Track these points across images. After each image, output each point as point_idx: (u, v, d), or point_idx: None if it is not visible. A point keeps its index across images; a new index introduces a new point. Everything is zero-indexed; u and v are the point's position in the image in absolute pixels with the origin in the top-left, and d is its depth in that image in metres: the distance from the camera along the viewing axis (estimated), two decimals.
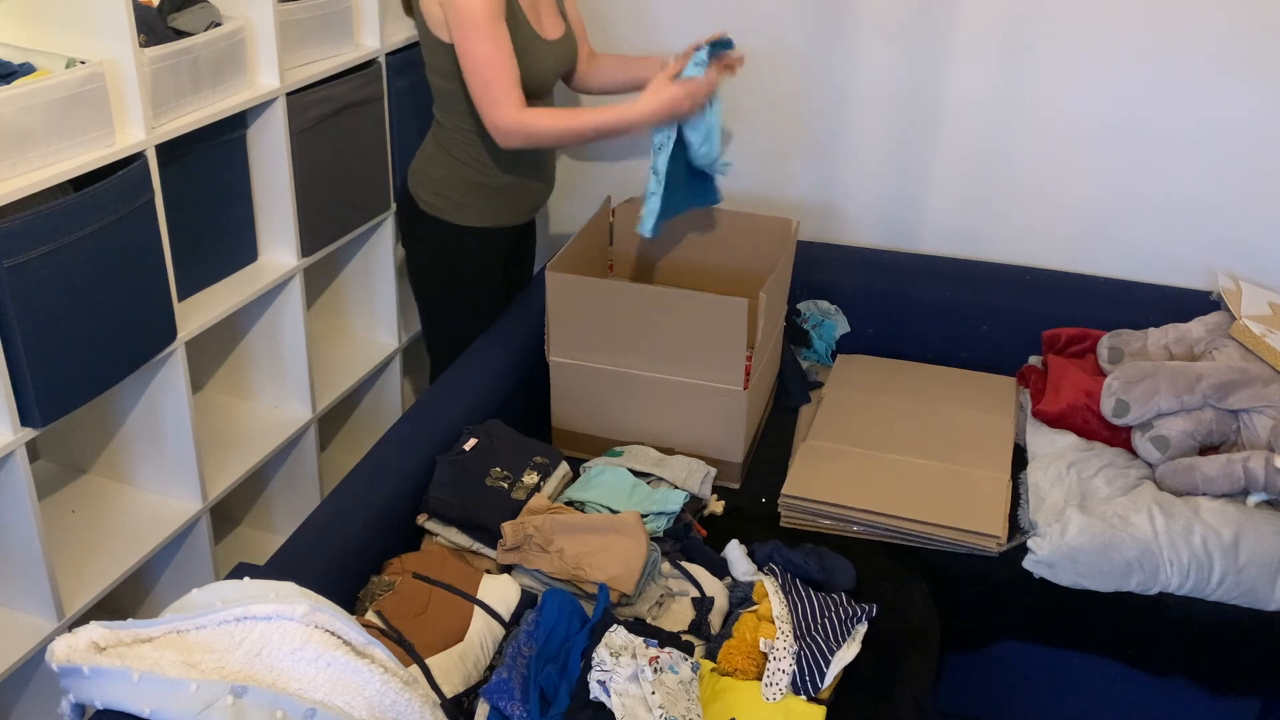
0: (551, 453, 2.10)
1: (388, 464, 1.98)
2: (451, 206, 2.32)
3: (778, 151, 2.75)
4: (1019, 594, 2.03)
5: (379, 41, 2.47)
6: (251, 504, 2.65)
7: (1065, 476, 2.16)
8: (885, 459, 2.23)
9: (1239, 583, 1.96)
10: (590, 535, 1.83)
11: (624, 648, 1.61)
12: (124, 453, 2.21)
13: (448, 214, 2.32)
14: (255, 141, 2.26)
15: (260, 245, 2.37)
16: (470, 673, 1.64)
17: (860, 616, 1.77)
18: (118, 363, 1.93)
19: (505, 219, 2.38)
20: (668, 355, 2.13)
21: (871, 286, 2.64)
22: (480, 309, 2.44)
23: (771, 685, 1.67)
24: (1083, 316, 2.49)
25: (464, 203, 2.32)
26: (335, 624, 1.42)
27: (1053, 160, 2.56)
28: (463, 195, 2.31)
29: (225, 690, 1.29)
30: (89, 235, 1.78)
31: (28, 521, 1.83)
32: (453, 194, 2.31)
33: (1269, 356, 2.22)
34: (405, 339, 2.84)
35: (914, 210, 2.71)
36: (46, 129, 1.71)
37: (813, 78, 2.65)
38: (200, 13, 2.05)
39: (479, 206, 2.32)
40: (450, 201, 2.32)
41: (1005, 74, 2.51)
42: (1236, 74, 2.38)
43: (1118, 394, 2.21)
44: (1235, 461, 2.06)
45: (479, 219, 2.33)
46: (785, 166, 2.76)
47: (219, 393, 2.55)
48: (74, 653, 1.31)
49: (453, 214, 2.32)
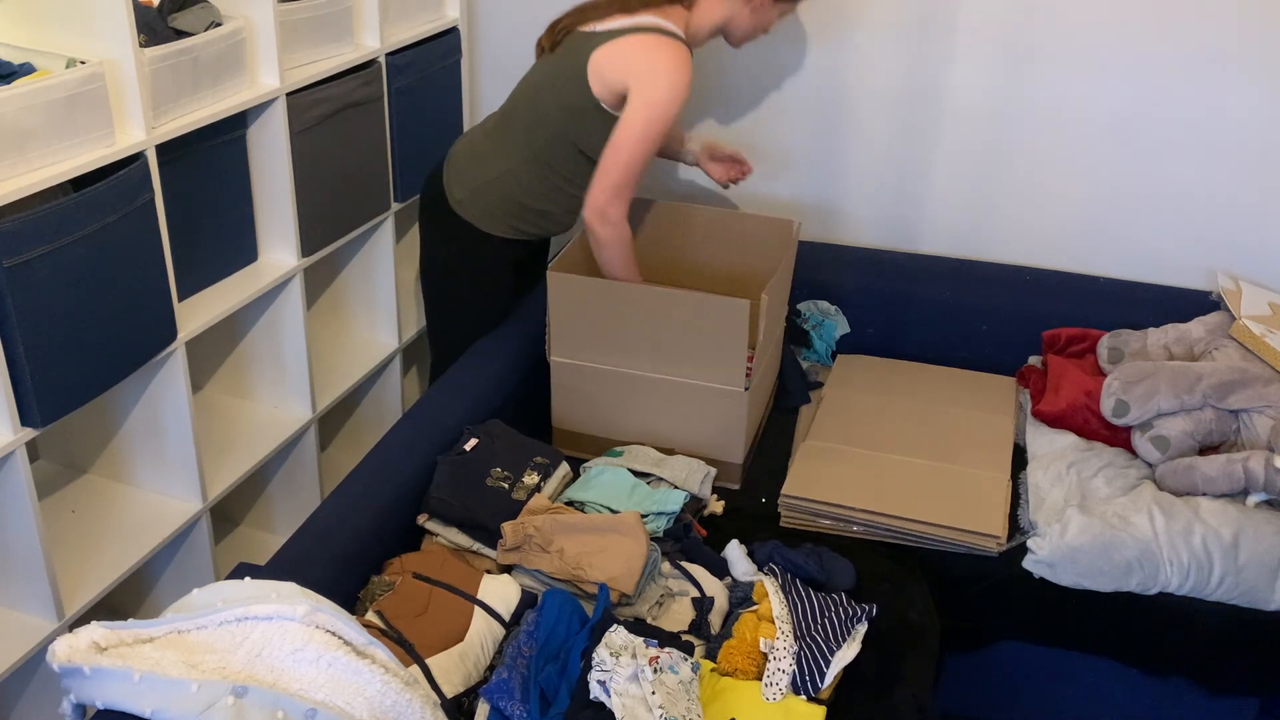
0: (552, 453, 2.10)
1: (388, 464, 1.98)
2: (483, 214, 2.30)
3: (778, 151, 2.75)
4: (1019, 594, 2.03)
5: (379, 41, 2.47)
6: (251, 504, 2.65)
7: (1065, 476, 2.16)
8: (885, 459, 2.23)
9: (1239, 583, 1.96)
10: (590, 535, 1.83)
11: (624, 648, 1.61)
12: (124, 453, 2.21)
13: (478, 219, 2.31)
14: (255, 141, 2.26)
15: (260, 245, 2.37)
16: (470, 673, 1.64)
17: (860, 616, 1.77)
18: (118, 363, 1.93)
19: (527, 235, 2.37)
20: (668, 355, 2.13)
21: (871, 286, 2.64)
22: (488, 314, 2.43)
23: (771, 685, 1.67)
24: (1083, 316, 2.49)
25: (497, 214, 2.30)
26: (336, 624, 1.42)
27: (1053, 160, 2.57)
28: (498, 207, 2.30)
29: (226, 690, 1.29)
30: (89, 235, 1.78)
31: (28, 521, 1.83)
32: (489, 202, 2.29)
33: (1269, 356, 2.22)
34: (405, 339, 2.84)
35: (914, 210, 2.72)
36: (46, 129, 1.71)
37: (813, 78, 2.65)
38: (200, 13, 2.05)
39: (510, 221, 2.32)
40: (482, 209, 2.30)
41: (1005, 74, 2.52)
42: (1236, 74, 2.38)
43: (1118, 394, 2.21)
44: (1235, 461, 2.06)
45: (505, 231, 2.33)
46: (785, 166, 2.76)
47: (219, 393, 2.55)
48: (75, 653, 1.31)
49: (483, 221, 2.31)
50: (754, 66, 2.67)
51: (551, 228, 2.39)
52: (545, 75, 2.25)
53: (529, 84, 2.28)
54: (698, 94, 2.73)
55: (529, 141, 2.25)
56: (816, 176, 2.75)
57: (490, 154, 2.30)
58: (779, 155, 2.75)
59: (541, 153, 2.25)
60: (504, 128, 2.30)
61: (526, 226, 2.34)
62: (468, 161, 2.33)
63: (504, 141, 2.29)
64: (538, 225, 2.35)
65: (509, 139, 2.28)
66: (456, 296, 2.43)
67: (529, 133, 2.25)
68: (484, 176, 2.29)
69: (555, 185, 2.28)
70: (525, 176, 2.27)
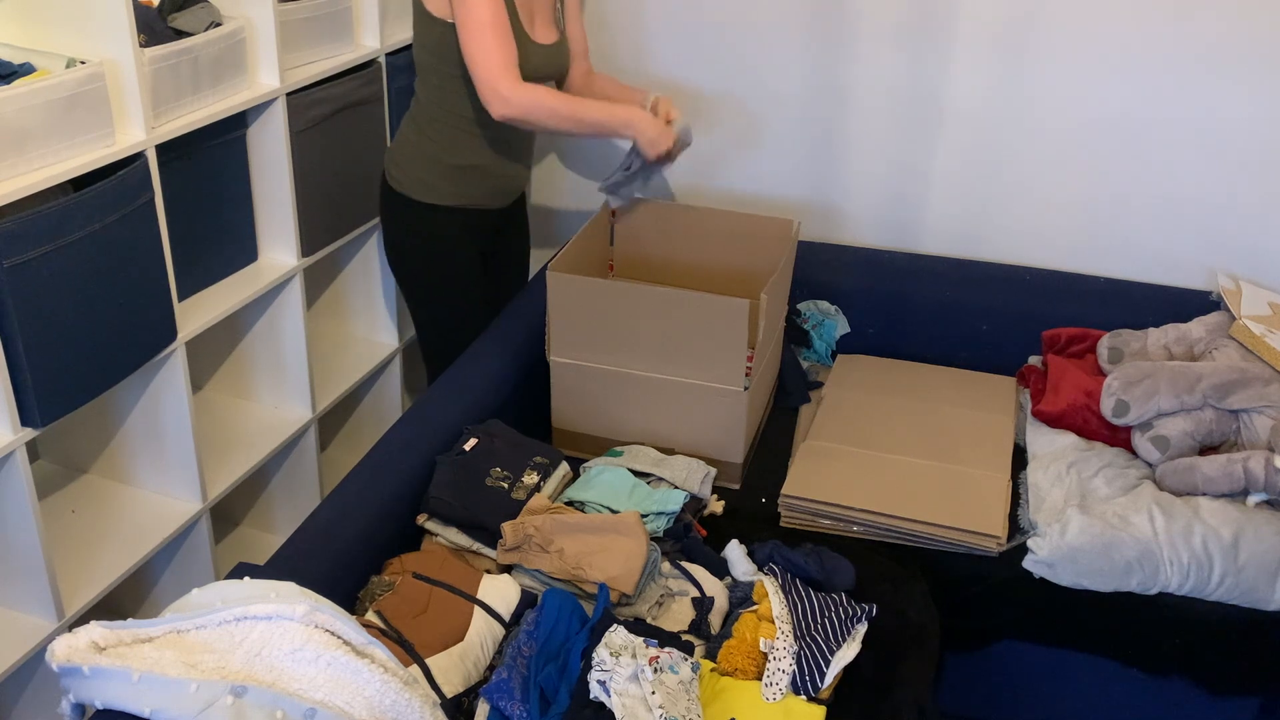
0: (551, 453, 2.10)
1: (388, 464, 1.98)
2: (416, 184, 2.31)
3: (778, 151, 2.75)
4: (1019, 594, 2.03)
5: (379, 41, 2.47)
6: (251, 504, 2.65)
7: (1065, 476, 2.16)
8: (885, 459, 2.23)
9: (1239, 583, 1.96)
10: (590, 535, 1.83)
11: (624, 647, 1.61)
12: (124, 453, 2.21)
13: (414, 191, 2.31)
14: (255, 141, 2.26)
15: (260, 245, 2.37)
16: (470, 673, 1.64)
17: (860, 616, 1.77)
18: (118, 363, 1.93)
19: (473, 200, 2.35)
20: (668, 355, 2.13)
21: (871, 286, 2.64)
22: (455, 290, 2.41)
23: (771, 685, 1.67)
24: (1083, 316, 2.49)
25: (428, 180, 2.30)
26: (335, 624, 1.42)
27: (1052, 160, 2.56)
28: (425, 172, 2.30)
29: (225, 690, 1.29)
30: (89, 235, 1.78)
31: (28, 521, 1.83)
32: (416, 170, 2.30)
33: (1269, 356, 2.22)
34: (405, 339, 2.84)
35: (914, 210, 2.72)
36: (46, 129, 1.71)
37: (813, 78, 2.65)
38: (200, 13, 2.05)
39: (443, 185, 2.31)
40: (413, 178, 2.30)
41: (1005, 74, 2.52)
42: (1236, 74, 2.38)
43: (1118, 394, 2.21)
44: (1235, 461, 2.06)
45: (443, 198, 2.32)
46: (785, 166, 2.76)
47: (219, 393, 2.55)
48: (74, 653, 1.31)
49: (418, 191, 2.31)
50: (754, 66, 2.67)
51: (497, 183, 2.37)
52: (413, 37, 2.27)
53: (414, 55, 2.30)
54: (699, 94, 2.73)
55: (425, 98, 2.27)
56: (816, 176, 2.75)
57: (408, 129, 2.33)
58: (779, 155, 2.75)
59: (437, 102, 2.26)
60: (414, 102, 2.32)
61: (468, 188, 2.33)
62: (396, 145, 2.36)
63: (416, 113, 2.31)
64: (478, 185, 2.34)
65: (418, 108, 2.30)
66: (423, 279, 2.42)
67: (426, 95, 2.27)
68: (407, 149, 2.32)
69: (462, 130, 2.27)
70: (435, 132, 2.28)
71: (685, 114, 2.40)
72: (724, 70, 2.70)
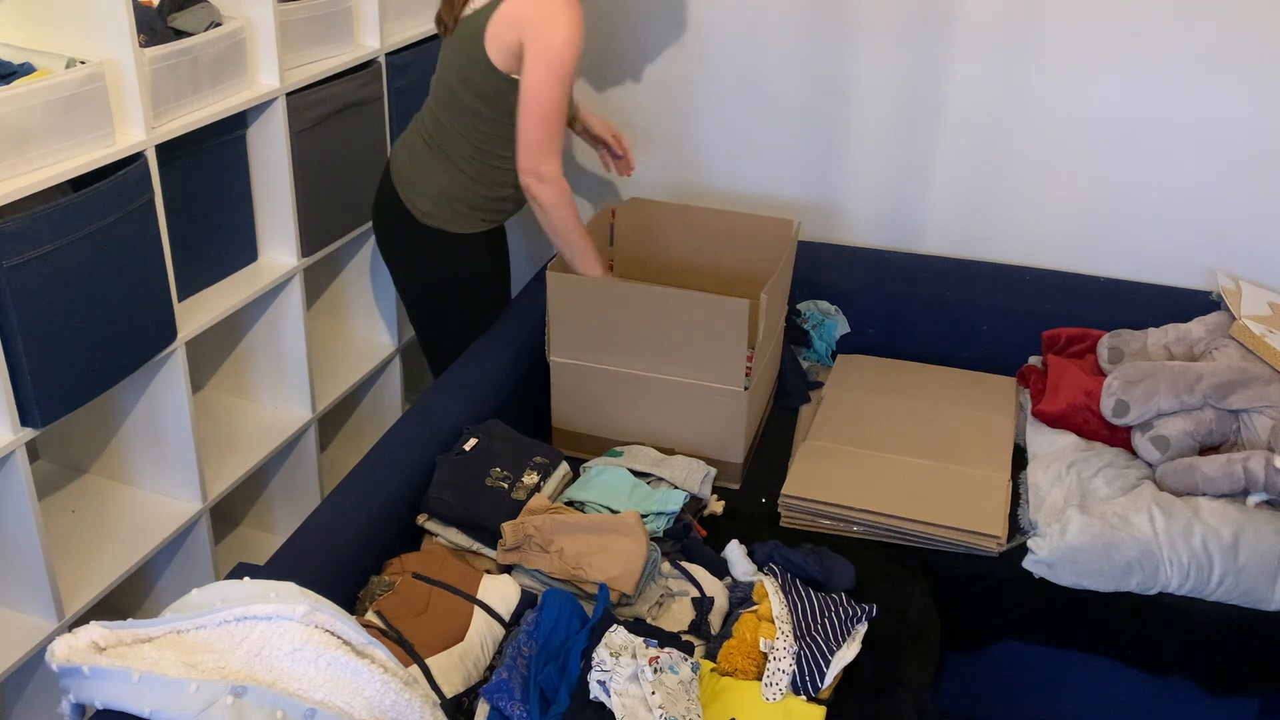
0: (551, 453, 2.10)
1: (388, 464, 1.98)
2: (452, 217, 2.30)
3: (778, 151, 2.75)
4: (1019, 594, 2.03)
5: (379, 41, 2.47)
6: (251, 504, 2.65)
7: (1065, 476, 2.16)
8: (885, 459, 2.23)
9: (1239, 583, 1.96)
10: (590, 535, 1.83)
11: (624, 648, 1.61)
12: (124, 453, 2.21)
13: (448, 224, 2.30)
14: (255, 141, 2.26)
15: (260, 245, 2.37)
16: (470, 673, 1.64)
17: (860, 616, 1.77)
18: (118, 363, 1.93)
19: (498, 221, 2.38)
20: (668, 355, 2.13)
21: (871, 286, 2.64)
22: (486, 312, 2.43)
23: (771, 685, 1.67)
24: (1083, 316, 2.49)
25: (463, 212, 2.30)
26: (335, 624, 1.42)
27: (1053, 160, 2.56)
28: (462, 205, 2.29)
29: (225, 690, 1.29)
30: (89, 235, 1.78)
31: (28, 521, 1.83)
32: (456, 204, 2.29)
33: (1269, 356, 2.22)
34: (405, 339, 2.84)
35: (914, 210, 2.71)
36: (46, 129, 1.71)
37: (813, 78, 2.65)
38: (200, 13, 2.05)
39: (477, 215, 2.32)
40: (451, 212, 2.29)
41: (1005, 74, 2.51)
42: (1236, 74, 2.38)
43: (1118, 394, 2.21)
44: (1235, 461, 2.06)
45: (476, 225, 2.33)
46: (786, 166, 2.76)
47: (219, 393, 2.55)
48: (74, 653, 1.31)
49: (453, 223, 2.30)
50: (754, 66, 2.67)
51: (514, 207, 2.39)
52: (453, 72, 2.22)
53: (443, 84, 2.25)
54: (699, 94, 2.73)
55: (465, 139, 2.24)
56: (816, 176, 2.75)
57: (436, 161, 2.28)
58: (779, 155, 2.75)
59: (481, 145, 2.24)
60: (438, 130, 2.27)
61: (493, 214, 2.35)
62: (417, 173, 2.30)
63: (445, 144, 2.26)
64: (503, 209, 2.36)
65: (449, 141, 2.26)
66: (453, 305, 2.42)
67: (462, 131, 2.24)
68: (440, 183, 2.28)
69: (501, 167, 2.26)
70: (476, 171, 2.27)
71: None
72: (724, 70, 2.70)
